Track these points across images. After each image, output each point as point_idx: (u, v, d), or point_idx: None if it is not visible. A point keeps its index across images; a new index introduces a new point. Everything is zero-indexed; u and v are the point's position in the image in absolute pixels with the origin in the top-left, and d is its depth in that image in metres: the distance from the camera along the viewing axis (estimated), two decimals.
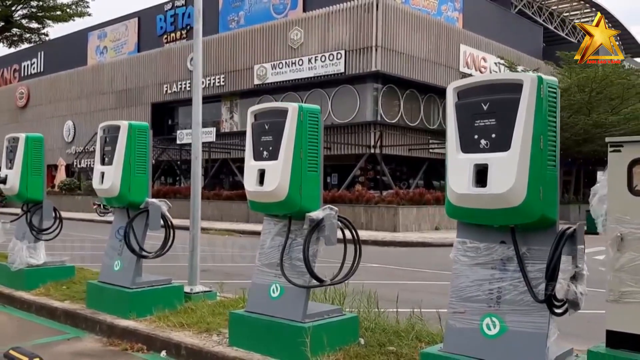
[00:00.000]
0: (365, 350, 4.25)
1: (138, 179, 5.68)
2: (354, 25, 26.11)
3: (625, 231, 2.84)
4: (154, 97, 35.13)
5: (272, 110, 4.50)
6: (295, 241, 4.43)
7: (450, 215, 3.51)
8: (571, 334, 4.47)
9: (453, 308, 3.50)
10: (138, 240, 5.63)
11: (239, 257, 12.29)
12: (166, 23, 37.82)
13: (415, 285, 8.60)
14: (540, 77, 3.19)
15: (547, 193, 3.20)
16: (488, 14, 35.15)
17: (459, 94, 3.43)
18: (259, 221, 23.49)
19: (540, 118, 3.16)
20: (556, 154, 3.27)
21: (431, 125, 29.42)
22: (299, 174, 4.26)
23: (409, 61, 26.87)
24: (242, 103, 31.48)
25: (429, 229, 19.50)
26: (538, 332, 3.21)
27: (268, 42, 29.50)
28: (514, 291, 3.31)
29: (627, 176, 2.86)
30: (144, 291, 5.57)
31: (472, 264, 3.47)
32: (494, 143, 3.23)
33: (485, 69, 31.30)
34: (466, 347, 3.36)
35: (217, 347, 4.56)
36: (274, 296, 4.45)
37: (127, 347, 4.95)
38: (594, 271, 3.30)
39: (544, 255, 3.22)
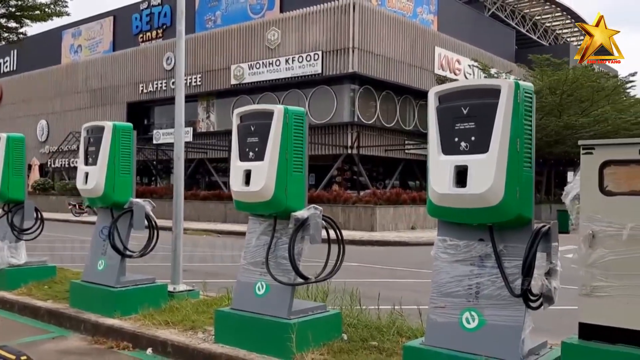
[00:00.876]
0: (349, 345, 4.39)
1: (122, 179, 5.73)
2: (331, 27, 26.29)
3: (597, 229, 3.02)
4: (130, 97, 34.87)
5: (258, 112, 4.60)
6: (281, 240, 4.54)
7: (431, 214, 3.67)
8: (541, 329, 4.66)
9: (434, 303, 3.65)
10: (122, 240, 5.69)
11: (218, 257, 12.35)
12: (142, 22, 37.51)
13: (394, 283, 8.78)
14: (517, 83, 3.36)
15: (523, 193, 3.38)
16: (462, 17, 35.65)
17: (440, 99, 3.59)
18: (236, 221, 23.58)
19: (517, 122, 3.33)
20: (532, 156, 3.45)
21: (407, 126, 29.75)
22: (285, 174, 4.38)
23: (385, 63, 27.15)
24: (219, 103, 31.43)
25: (406, 229, 19.77)
26: (514, 325, 3.38)
27: (245, 42, 29.51)
28: (491, 286, 3.48)
29: (599, 177, 3.04)
30: (128, 290, 5.63)
31: (452, 261, 3.63)
32: (474, 145, 3.39)
33: (460, 71, 31.76)
34: (447, 340, 3.52)
35: (203, 344, 4.65)
36: (259, 294, 4.56)
37: (112, 345, 5.01)
38: (565, 268, 3.48)
39: (520, 252, 3.39)
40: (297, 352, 4.16)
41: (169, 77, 32.76)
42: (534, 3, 45.41)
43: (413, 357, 3.59)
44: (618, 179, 3.01)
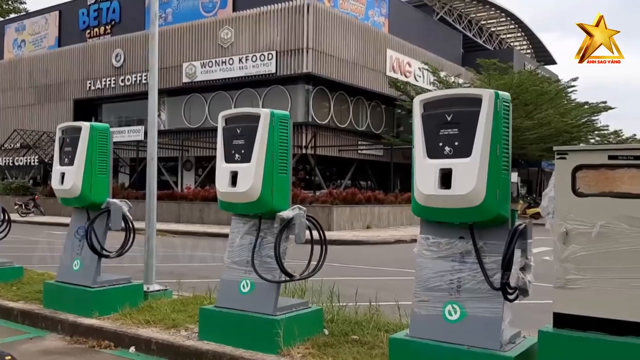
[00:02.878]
0: (332, 339, 4.59)
1: (99, 180, 5.75)
2: (285, 27, 26.42)
3: (570, 227, 3.32)
4: (77, 94, 33.98)
5: (244, 115, 4.74)
6: (265, 239, 4.69)
7: (416, 213, 3.91)
8: None
9: (418, 297, 3.89)
10: (99, 240, 5.70)
11: (178, 257, 12.31)
12: (89, 17, 36.62)
13: (360, 281, 9.01)
14: (497, 93, 3.64)
15: (502, 194, 3.66)
16: (412, 20, 36.45)
17: (425, 106, 3.83)
18: (190, 221, 23.35)
19: (496, 128, 3.61)
20: (509, 160, 3.74)
21: (360, 127, 30.21)
22: (271, 175, 4.54)
23: (338, 64, 27.49)
24: (170, 101, 31.05)
25: (361, 228, 20.13)
26: (494, 316, 3.65)
27: (197, 41, 29.26)
28: (472, 281, 3.75)
29: (572, 180, 3.34)
30: (106, 290, 5.65)
31: (435, 258, 3.88)
32: (457, 150, 3.65)
33: (410, 73, 32.46)
34: (430, 332, 3.76)
35: (188, 341, 4.75)
36: (244, 291, 4.70)
37: (94, 345, 5.04)
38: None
39: (498, 249, 3.67)
40: (284, 347, 4.33)
41: (117, 74, 32.14)
42: (480, 8, 46.82)
43: (399, 348, 3.82)
44: (589, 182, 3.32)
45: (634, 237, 3.16)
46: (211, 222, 21.18)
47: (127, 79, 31.69)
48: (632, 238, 3.16)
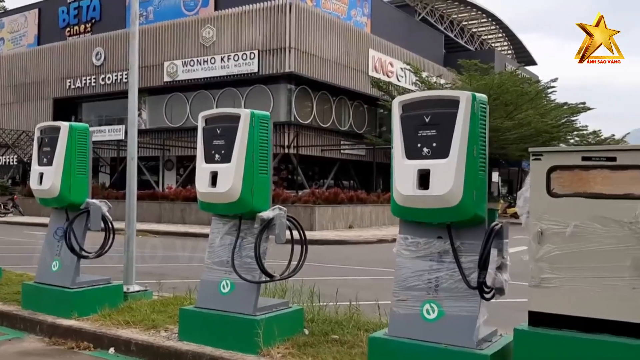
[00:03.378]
0: (312, 339, 4.61)
1: (78, 180, 5.71)
2: (267, 26, 26.39)
3: (545, 227, 3.38)
4: (56, 92, 33.62)
5: (224, 115, 4.74)
6: (246, 239, 4.70)
7: (395, 214, 3.95)
8: None
9: (396, 296, 3.93)
10: (78, 241, 5.67)
11: (159, 257, 12.24)
12: (69, 15, 36.23)
13: (342, 280, 9.05)
14: (474, 94, 3.69)
15: (479, 194, 3.71)
16: (394, 21, 36.60)
17: (404, 107, 3.87)
18: (171, 221, 23.22)
19: (473, 130, 3.66)
20: (485, 161, 3.79)
21: (342, 127, 30.28)
22: (251, 176, 4.54)
23: (321, 63, 27.53)
24: (151, 100, 30.87)
25: (344, 228, 20.19)
26: (470, 314, 3.70)
27: (179, 39, 29.12)
28: (449, 280, 3.79)
29: (546, 180, 3.40)
30: (85, 291, 5.62)
31: (413, 257, 3.93)
32: (435, 151, 3.70)
33: (392, 73, 32.61)
34: (409, 331, 3.80)
35: (168, 342, 4.74)
36: (224, 292, 4.70)
37: (73, 346, 5.01)
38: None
39: (475, 249, 3.72)
40: (264, 347, 4.35)
41: (98, 72, 31.86)
42: (462, 9, 47.18)
43: (378, 347, 3.86)
44: (563, 182, 3.38)
45: (606, 237, 3.22)
46: (192, 222, 21.09)
47: (108, 78, 31.43)
48: (605, 238, 3.22)
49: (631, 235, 3.15)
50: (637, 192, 3.15)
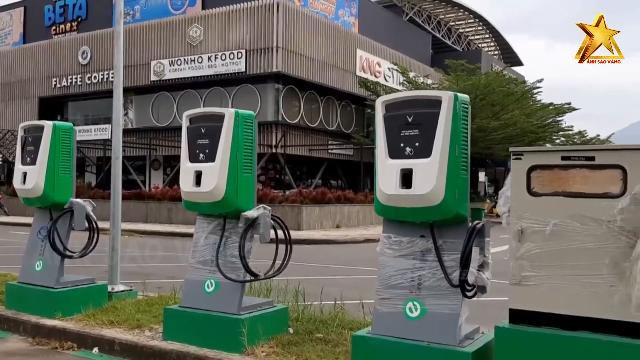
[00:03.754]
0: (297, 337, 4.63)
1: (62, 179, 5.68)
2: (254, 26, 26.36)
3: (525, 225, 3.42)
4: (42, 91, 33.37)
5: (209, 114, 4.74)
6: (230, 239, 4.70)
7: (379, 213, 3.98)
8: None
9: (380, 295, 3.96)
10: (62, 241, 5.64)
11: (145, 257, 12.20)
12: (55, 14, 35.96)
13: (328, 280, 9.07)
14: (456, 95, 3.72)
15: (461, 193, 3.75)
16: (382, 21, 36.71)
17: (387, 107, 3.90)
18: (158, 221, 23.10)
19: (455, 130, 3.69)
20: (467, 160, 3.83)
21: (330, 127, 30.32)
22: (236, 175, 4.55)
23: (308, 63, 27.55)
24: (138, 99, 30.74)
25: (331, 227, 20.22)
26: (452, 312, 3.74)
27: (166, 38, 29.01)
28: (432, 278, 3.83)
29: (527, 180, 3.44)
30: (69, 290, 5.59)
31: (396, 256, 3.95)
32: (418, 150, 3.72)
33: (380, 73, 32.70)
34: (392, 329, 3.83)
35: (152, 341, 4.73)
36: (208, 291, 4.70)
37: (56, 346, 4.99)
38: None
39: (457, 247, 3.76)
40: (248, 346, 4.35)
41: (84, 71, 31.66)
42: (449, 9, 47.41)
43: (361, 345, 3.88)
44: (543, 182, 3.43)
45: (585, 235, 3.26)
46: (179, 222, 21.02)
47: (94, 77, 31.23)
48: (584, 236, 3.27)
49: (609, 233, 3.20)
50: (615, 191, 3.20)
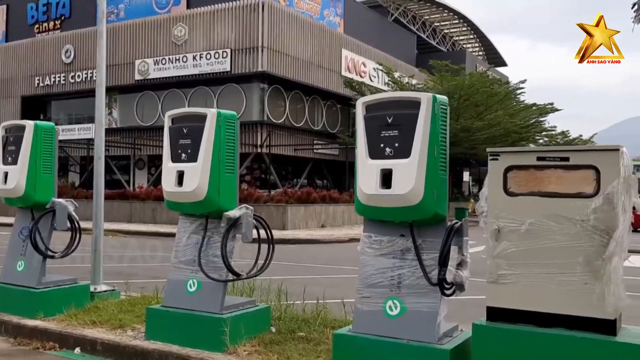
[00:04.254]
0: (279, 336, 4.66)
1: (44, 179, 5.66)
2: (240, 25, 26.32)
3: (502, 225, 3.48)
4: (24, 90, 33.03)
5: (191, 114, 4.76)
6: (212, 239, 4.73)
7: (359, 212, 4.03)
8: None
9: (360, 293, 4.00)
10: (44, 241, 5.62)
11: (129, 257, 12.17)
12: (38, 12, 35.61)
13: (311, 279, 9.12)
14: (435, 96, 3.78)
15: (439, 193, 3.80)
16: (367, 21, 36.82)
17: (367, 108, 3.95)
18: (142, 221, 22.99)
19: (434, 130, 3.75)
20: (446, 161, 3.89)
21: (315, 126, 30.35)
22: (218, 175, 4.57)
23: (294, 63, 27.56)
24: (122, 98, 30.56)
25: (316, 227, 20.26)
26: (431, 310, 3.79)
27: (150, 37, 28.87)
28: (411, 277, 3.88)
29: (503, 180, 3.51)
30: (51, 291, 5.58)
31: (377, 255, 4.00)
32: (397, 151, 3.78)
33: (365, 74, 32.80)
34: (372, 327, 3.88)
35: (134, 341, 4.74)
36: (191, 291, 4.72)
37: (38, 346, 4.98)
38: None
39: (436, 246, 3.82)
40: (230, 345, 4.38)
41: (67, 70, 31.40)
42: (434, 10, 47.66)
43: (342, 343, 3.92)
44: (519, 182, 3.49)
45: (559, 234, 3.34)
46: (163, 222, 20.94)
47: (78, 76, 30.99)
48: (558, 235, 3.34)
49: (583, 232, 3.27)
50: (588, 191, 3.27)
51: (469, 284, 3.84)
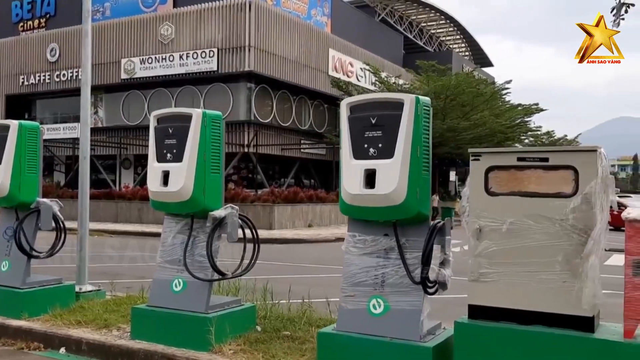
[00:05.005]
0: (264, 335, 4.69)
1: (28, 179, 5.64)
2: (226, 24, 26.27)
3: (483, 224, 3.54)
4: (9, 89, 32.71)
5: (176, 115, 4.78)
6: (198, 238, 4.75)
7: (344, 212, 4.07)
8: None
9: (345, 292, 4.05)
10: (29, 241, 5.60)
11: (114, 257, 12.12)
12: (22, 10, 35.27)
13: (297, 278, 9.16)
14: (418, 97, 3.83)
15: (422, 193, 3.86)
16: (354, 21, 36.88)
17: (351, 109, 3.99)
18: (128, 221, 22.90)
19: (417, 131, 3.80)
20: (429, 161, 3.94)
21: (302, 126, 30.37)
22: (203, 175, 4.59)
23: (281, 62, 27.56)
24: (108, 98, 30.38)
25: (303, 226, 20.29)
26: (414, 309, 3.84)
27: (137, 36, 28.72)
28: (395, 275, 3.93)
29: (484, 180, 3.57)
30: (35, 291, 5.56)
31: (361, 254, 4.05)
32: (381, 151, 3.82)
33: (352, 73, 32.87)
34: (356, 325, 3.92)
35: (120, 340, 4.75)
36: (176, 290, 4.74)
37: (23, 346, 4.97)
38: None
39: (419, 245, 3.87)
40: (215, 344, 4.41)
41: (52, 69, 31.15)
42: (421, 10, 47.84)
43: (327, 342, 3.96)
44: (500, 182, 3.55)
45: (539, 233, 3.40)
46: (150, 222, 20.87)
47: (63, 75, 30.76)
48: (538, 234, 3.40)
49: (562, 231, 3.34)
50: (567, 191, 3.34)
51: (452, 282, 3.90)
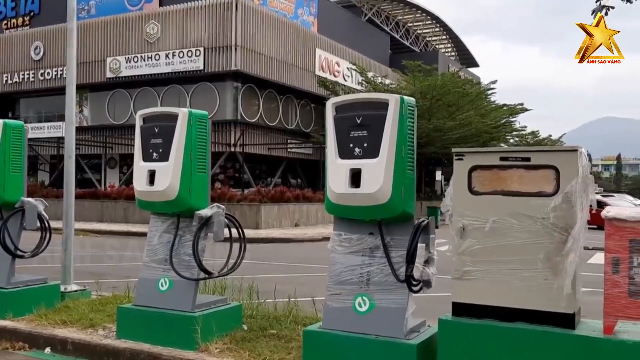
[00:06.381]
0: (250, 334, 4.71)
1: (13, 178, 5.61)
2: (213, 24, 26.20)
3: (466, 223, 3.60)
4: None
5: (162, 114, 4.78)
6: (184, 237, 4.76)
7: (329, 211, 4.10)
8: None
9: (330, 291, 4.08)
10: (13, 240, 5.58)
11: (100, 256, 12.06)
12: (6, 8, 34.91)
13: (284, 278, 9.19)
14: (402, 98, 3.87)
15: (407, 192, 3.90)
16: (341, 21, 36.94)
17: (337, 109, 4.03)
18: (114, 220, 22.79)
19: (402, 131, 3.84)
20: (413, 160, 3.98)
21: (289, 126, 30.37)
22: (189, 174, 4.60)
23: (267, 62, 27.53)
24: (93, 96, 30.16)
25: (290, 226, 20.31)
26: (399, 307, 3.89)
27: (122, 35, 28.54)
28: (380, 274, 3.97)
29: (468, 179, 3.62)
30: (20, 291, 5.54)
31: (346, 253, 4.08)
32: (366, 151, 3.86)
33: (339, 73, 32.92)
34: (342, 323, 3.96)
35: (105, 340, 4.75)
36: (162, 289, 4.74)
37: (7, 346, 4.95)
38: None
39: (404, 244, 3.91)
40: (202, 343, 4.42)
41: (37, 67, 30.87)
42: (407, 10, 48.01)
43: (312, 340, 4.00)
44: (483, 181, 3.61)
45: (522, 231, 3.46)
46: (136, 222, 20.76)
47: (47, 73, 30.49)
48: (520, 233, 3.46)
49: (543, 230, 3.40)
50: (548, 190, 3.40)
51: (437, 280, 3.95)
